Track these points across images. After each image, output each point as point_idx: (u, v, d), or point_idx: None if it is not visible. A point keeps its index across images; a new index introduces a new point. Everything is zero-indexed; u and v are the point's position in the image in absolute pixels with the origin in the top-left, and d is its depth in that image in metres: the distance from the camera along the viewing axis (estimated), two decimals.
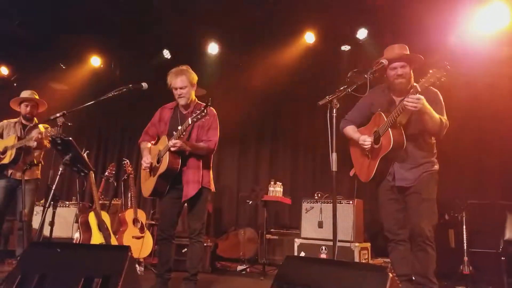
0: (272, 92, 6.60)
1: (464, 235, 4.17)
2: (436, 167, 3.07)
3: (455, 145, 5.38)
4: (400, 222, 3.05)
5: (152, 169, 3.43)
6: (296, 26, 5.80)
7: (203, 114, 3.06)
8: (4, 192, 4.44)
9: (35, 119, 4.73)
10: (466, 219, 4.27)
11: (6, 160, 4.38)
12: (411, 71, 3.07)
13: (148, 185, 3.48)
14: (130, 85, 3.30)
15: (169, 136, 3.33)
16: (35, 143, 4.36)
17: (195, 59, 6.20)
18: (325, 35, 5.85)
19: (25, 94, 4.67)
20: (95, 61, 6.82)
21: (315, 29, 5.83)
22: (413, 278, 2.97)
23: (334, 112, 2.82)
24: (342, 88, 2.92)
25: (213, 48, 6.31)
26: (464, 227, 4.23)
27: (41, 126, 4.63)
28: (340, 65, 6.01)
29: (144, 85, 3.33)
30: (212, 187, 3.55)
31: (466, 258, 4.00)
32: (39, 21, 5.88)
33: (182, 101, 3.45)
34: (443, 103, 3.05)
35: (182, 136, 3.21)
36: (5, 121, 4.69)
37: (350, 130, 3.32)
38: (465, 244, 4.11)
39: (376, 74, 3.03)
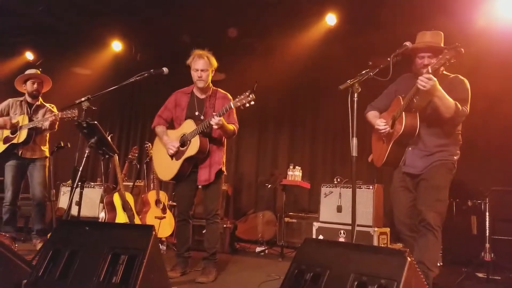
0: (292, 76, 6.55)
1: (487, 222, 4.12)
2: (455, 157, 2.99)
3: (480, 130, 5.28)
4: (409, 212, 3.02)
5: (175, 153, 3.49)
6: (317, 7, 5.68)
7: (249, 99, 3.06)
8: (15, 171, 4.51)
9: (40, 98, 4.72)
10: (489, 205, 4.21)
11: (17, 140, 4.40)
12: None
13: (169, 169, 3.52)
14: (151, 70, 3.34)
15: (195, 120, 3.39)
16: (47, 124, 4.36)
17: (214, 44, 6.19)
18: (347, 17, 5.74)
19: (31, 71, 4.66)
20: (117, 46, 6.90)
21: (336, 11, 5.71)
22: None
23: (356, 96, 2.80)
24: (364, 72, 2.89)
25: (232, 33, 6.29)
26: (487, 213, 4.17)
27: (48, 105, 4.68)
28: (362, 48, 5.91)
29: (165, 70, 3.37)
30: (224, 169, 3.61)
31: (488, 245, 3.96)
32: (62, 7, 5.96)
33: (200, 84, 3.49)
34: (467, 91, 2.95)
35: (222, 115, 3.21)
36: (10, 99, 4.67)
37: (371, 116, 3.31)
38: (487, 231, 4.06)
39: (399, 57, 3.00)
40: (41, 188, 4.55)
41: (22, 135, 4.40)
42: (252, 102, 3.09)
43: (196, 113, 3.49)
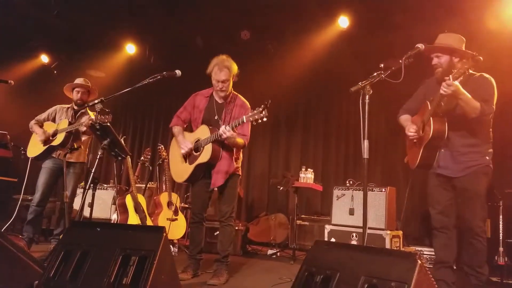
0: (304, 78, 6.54)
1: (501, 225, 4.05)
2: (487, 157, 3.01)
3: (494, 132, 5.18)
4: (446, 210, 3.07)
5: (189, 157, 3.51)
6: (329, 10, 5.67)
7: (261, 116, 3.08)
8: (49, 173, 4.64)
9: (87, 107, 4.85)
10: (503, 208, 4.14)
11: (56, 142, 4.57)
12: (453, 59, 3.01)
13: (182, 171, 3.56)
14: (165, 73, 3.36)
15: (209, 126, 3.42)
16: (84, 128, 4.52)
17: (227, 46, 6.23)
18: (360, 20, 5.71)
19: (78, 81, 4.85)
20: (130, 48, 6.98)
21: (349, 13, 5.70)
22: (454, 267, 3.10)
23: (367, 98, 2.80)
24: (375, 74, 2.88)
25: (244, 35, 6.31)
26: (501, 217, 4.10)
27: (91, 113, 4.80)
28: (374, 50, 5.87)
29: (178, 72, 3.39)
30: (240, 171, 3.65)
31: (501, 249, 3.90)
32: (76, 11, 6.06)
33: (222, 94, 3.54)
34: (491, 89, 2.98)
35: (235, 128, 3.24)
36: (58, 106, 4.88)
37: (403, 119, 3.37)
38: (501, 235, 3.99)
39: (411, 59, 3.00)
40: (70, 195, 4.63)
41: (59, 138, 4.56)
42: (265, 119, 3.10)
43: (215, 117, 3.52)
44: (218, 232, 4.71)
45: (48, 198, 4.73)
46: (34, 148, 4.67)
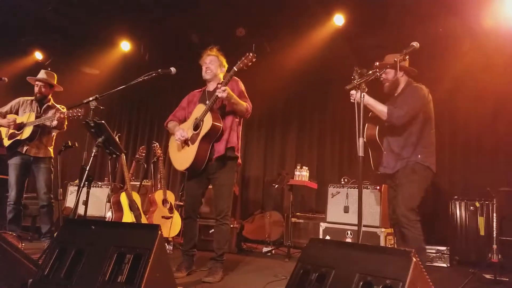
0: (299, 76, 6.55)
1: (494, 223, 4.08)
2: (419, 156, 3.17)
3: (488, 131, 5.24)
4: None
5: (190, 139, 3.47)
6: (325, 7, 5.68)
7: (249, 57, 3.17)
8: (19, 169, 4.53)
9: (51, 98, 4.74)
10: (497, 206, 4.17)
11: (22, 136, 4.43)
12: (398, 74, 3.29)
13: (186, 156, 3.46)
14: (159, 70, 3.35)
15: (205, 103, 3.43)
16: (55, 122, 4.37)
17: (222, 43, 6.20)
18: (355, 18, 5.72)
19: (40, 74, 4.69)
20: (125, 45, 6.95)
21: (344, 11, 5.70)
22: None
23: (363, 96, 2.81)
24: (370, 72, 2.90)
25: (240, 32, 6.29)
26: (495, 214, 4.14)
27: (59, 106, 4.68)
28: (369, 48, 5.88)
29: (173, 70, 3.38)
30: (239, 160, 3.62)
31: (495, 246, 3.92)
32: (71, 7, 6.01)
33: (207, 76, 3.57)
34: (411, 98, 3.21)
35: (227, 83, 3.28)
36: (21, 98, 4.71)
37: None
38: (494, 232, 4.02)
39: (406, 57, 3.07)
40: (46, 190, 4.56)
41: (27, 132, 4.42)
42: (254, 59, 3.18)
43: (207, 102, 3.48)
44: (213, 230, 4.73)
45: (23, 194, 4.64)
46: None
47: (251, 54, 3.17)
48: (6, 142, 4.50)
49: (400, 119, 3.15)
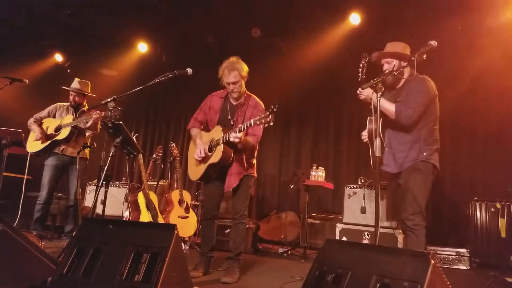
0: (315, 76, 6.51)
1: None
2: (425, 154, 3.06)
3: (509, 130, 5.11)
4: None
5: (203, 157, 3.53)
6: (341, 7, 5.64)
7: (268, 120, 3.04)
8: (54, 170, 4.70)
9: (85, 104, 4.98)
10: None
11: (60, 136, 4.63)
12: (402, 63, 3.17)
13: (197, 170, 3.59)
14: (176, 71, 3.38)
15: (223, 127, 3.44)
16: (90, 123, 4.58)
17: (238, 44, 6.23)
18: (371, 17, 5.66)
19: (74, 84, 4.90)
20: (142, 47, 7.03)
21: (360, 10, 5.65)
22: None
23: (379, 95, 2.78)
24: (387, 71, 2.87)
25: (255, 33, 6.30)
26: None
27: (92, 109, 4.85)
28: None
29: (189, 70, 3.40)
30: (255, 174, 3.68)
31: None
32: (89, 10, 6.12)
33: (234, 95, 3.55)
34: (418, 93, 3.06)
35: (242, 131, 3.25)
36: (58, 103, 4.96)
37: None
38: None
39: (424, 56, 2.99)
40: (76, 191, 4.68)
41: (64, 132, 4.62)
42: (271, 123, 3.06)
43: (228, 117, 3.53)
44: (229, 230, 4.75)
45: (53, 195, 4.78)
46: (34, 143, 4.71)
47: (270, 116, 3.03)
48: (32, 148, 4.65)
49: (408, 119, 3.03)
